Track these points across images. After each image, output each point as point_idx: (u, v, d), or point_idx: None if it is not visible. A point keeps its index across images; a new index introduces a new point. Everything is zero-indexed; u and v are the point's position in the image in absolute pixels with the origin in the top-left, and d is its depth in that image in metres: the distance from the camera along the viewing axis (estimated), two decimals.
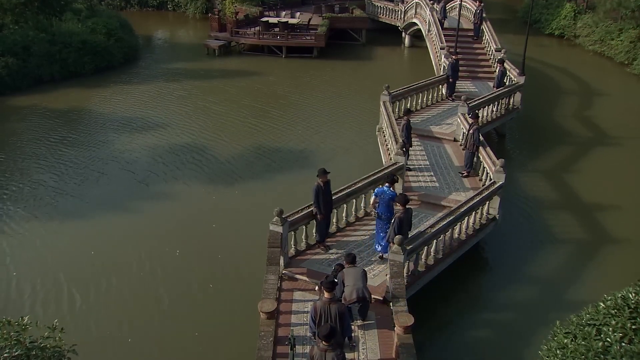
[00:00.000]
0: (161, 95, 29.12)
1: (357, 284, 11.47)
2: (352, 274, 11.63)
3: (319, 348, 9.09)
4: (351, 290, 11.42)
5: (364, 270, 11.99)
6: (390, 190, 13.92)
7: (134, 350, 13.32)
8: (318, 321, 10.19)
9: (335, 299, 10.39)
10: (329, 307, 10.13)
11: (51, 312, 14.26)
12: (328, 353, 8.98)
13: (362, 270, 11.89)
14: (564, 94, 29.81)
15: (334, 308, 10.13)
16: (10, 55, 28.76)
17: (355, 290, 11.42)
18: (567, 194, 20.39)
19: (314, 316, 10.27)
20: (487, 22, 29.93)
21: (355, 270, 11.74)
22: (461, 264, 15.60)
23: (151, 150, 22.94)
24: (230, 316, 14.22)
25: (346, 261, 11.88)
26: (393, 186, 14.13)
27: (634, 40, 33.97)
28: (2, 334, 8.04)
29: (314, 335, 10.27)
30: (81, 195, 19.65)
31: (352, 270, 11.71)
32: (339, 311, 10.15)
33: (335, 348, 9.07)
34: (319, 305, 10.28)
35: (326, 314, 10.12)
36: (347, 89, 30.56)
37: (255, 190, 20.17)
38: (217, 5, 41.76)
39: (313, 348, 9.35)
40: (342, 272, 11.79)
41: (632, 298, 9.60)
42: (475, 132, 17.96)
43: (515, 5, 47.63)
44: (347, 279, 11.57)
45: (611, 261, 16.65)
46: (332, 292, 10.23)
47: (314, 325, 10.31)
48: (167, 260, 16.35)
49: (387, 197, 13.81)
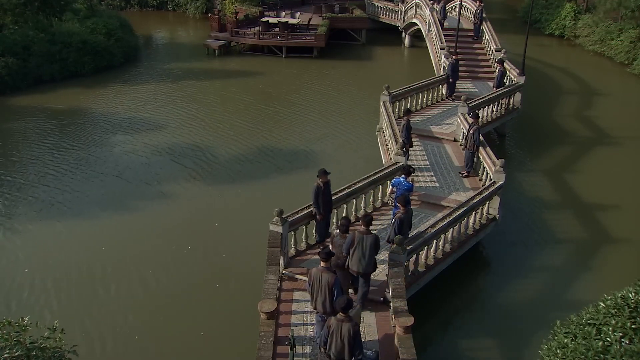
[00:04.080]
0: (161, 95, 29.14)
1: (363, 257, 11.71)
2: (362, 243, 11.71)
3: (336, 319, 9.64)
4: (357, 262, 11.76)
5: (376, 238, 11.89)
6: (406, 181, 14.37)
7: (136, 350, 13.33)
8: (312, 286, 10.80)
9: (329, 268, 10.83)
10: (321, 276, 10.68)
11: (52, 312, 14.27)
12: (344, 324, 9.54)
13: (374, 239, 11.81)
14: (564, 94, 29.82)
15: (325, 277, 10.65)
16: (10, 55, 28.76)
17: (359, 263, 11.76)
18: (567, 193, 20.40)
19: (309, 280, 10.97)
20: (487, 22, 29.93)
21: (367, 241, 11.72)
22: (461, 264, 15.60)
23: (151, 150, 22.94)
24: (232, 316, 14.22)
25: (363, 222, 11.96)
26: (409, 178, 14.53)
27: (634, 40, 33.99)
28: (2, 335, 8.04)
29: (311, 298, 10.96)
30: (82, 195, 19.66)
31: (364, 238, 11.73)
32: (329, 281, 10.63)
33: (352, 319, 9.61)
34: (313, 271, 10.88)
35: (318, 282, 10.69)
36: (347, 89, 30.57)
37: (255, 189, 20.17)
38: (217, 5, 41.77)
39: (330, 319, 9.83)
40: (353, 235, 11.87)
41: (632, 298, 9.61)
42: (475, 132, 17.95)
43: (515, 5, 47.63)
44: (357, 247, 11.72)
45: (611, 261, 16.66)
46: (327, 262, 10.75)
47: (308, 287, 10.95)
48: (169, 260, 16.36)
49: (403, 188, 14.29)
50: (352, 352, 9.69)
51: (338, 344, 9.64)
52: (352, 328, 9.59)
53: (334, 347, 9.71)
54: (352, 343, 9.62)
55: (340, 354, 9.74)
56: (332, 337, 9.68)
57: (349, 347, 9.63)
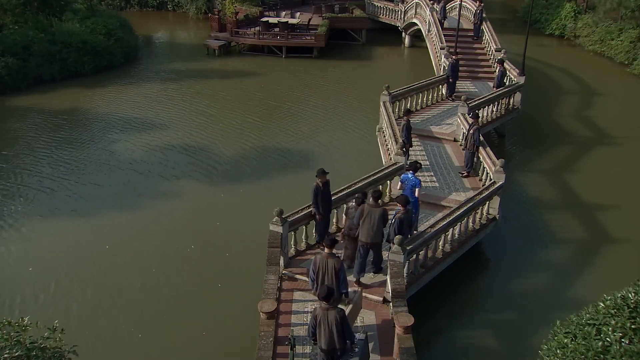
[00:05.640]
0: (161, 95, 29.13)
1: (371, 228, 12.46)
2: (371, 215, 12.45)
3: (321, 308, 9.83)
4: (366, 233, 12.52)
5: (384, 211, 12.68)
6: (413, 177, 14.62)
7: (136, 350, 13.33)
8: (317, 273, 11.20)
9: (334, 255, 11.25)
10: (327, 262, 11.13)
11: (54, 311, 14.26)
12: (330, 311, 9.76)
13: (382, 211, 12.59)
14: (564, 94, 29.82)
15: (331, 263, 11.10)
16: (10, 55, 28.74)
17: (367, 234, 12.52)
18: (567, 193, 20.40)
19: (314, 269, 11.28)
20: (487, 22, 29.93)
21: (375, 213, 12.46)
22: (461, 264, 15.60)
23: (151, 150, 22.94)
24: (232, 315, 14.22)
25: (372, 197, 12.77)
26: (416, 173, 14.81)
27: (634, 40, 33.98)
28: (2, 335, 8.04)
29: (313, 288, 11.37)
30: (82, 195, 19.66)
31: (373, 210, 12.50)
32: (336, 266, 11.10)
33: (336, 307, 9.89)
34: (318, 258, 11.30)
35: (324, 268, 11.13)
36: (347, 89, 30.56)
37: (255, 189, 20.17)
38: (217, 5, 41.76)
39: (316, 309, 9.99)
40: (362, 208, 12.63)
41: (632, 298, 9.60)
42: (475, 132, 17.96)
43: (515, 5, 47.63)
44: (366, 219, 12.47)
45: (611, 261, 16.66)
46: (331, 248, 11.19)
47: (313, 276, 11.32)
48: (171, 259, 16.37)
49: (410, 184, 14.55)
50: (342, 339, 9.84)
51: (327, 333, 9.80)
52: (337, 315, 9.74)
53: (323, 338, 9.85)
54: (340, 329, 9.78)
55: (330, 344, 9.86)
56: (320, 327, 9.84)
57: (337, 335, 9.78)
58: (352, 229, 13.00)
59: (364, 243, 12.70)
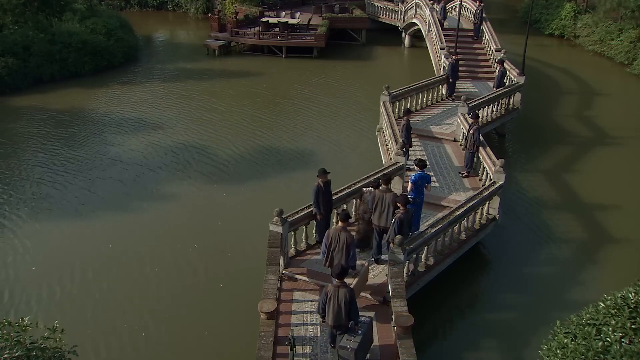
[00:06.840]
0: (161, 95, 29.14)
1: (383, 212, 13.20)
2: (383, 199, 13.20)
3: (333, 285, 10.42)
4: (378, 217, 13.27)
5: (395, 195, 13.38)
6: (424, 173, 15.02)
7: (137, 350, 13.33)
8: (328, 246, 11.85)
9: (345, 229, 11.88)
10: (339, 235, 11.80)
11: (55, 311, 14.27)
12: (340, 289, 10.31)
13: (393, 196, 13.27)
14: (564, 94, 29.81)
15: (343, 236, 11.77)
16: (10, 55, 28.77)
17: (379, 218, 13.27)
18: (567, 194, 20.39)
19: (326, 241, 11.95)
20: (487, 22, 29.93)
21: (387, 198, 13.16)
22: (461, 264, 15.60)
23: (152, 150, 22.95)
24: (233, 315, 14.22)
25: (382, 182, 13.49)
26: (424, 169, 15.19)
27: (634, 40, 33.98)
28: (2, 335, 8.04)
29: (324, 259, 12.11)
30: (83, 195, 19.65)
31: (384, 195, 13.22)
32: (347, 240, 11.74)
33: (347, 285, 10.45)
34: (332, 231, 12.06)
35: (336, 240, 11.80)
36: (347, 89, 30.57)
37: (255, 189, 20.17)
38: (217, 6, 41.79)
39: (327, 286, 10.57)
40: (374, 194, 13.41)
41: (632, 298, 9.61)
42: (475, 132, 17.96)
43: (515, 5, 47.63)
44: (378, 203, 13.27)
45: (611, 261, 16.66)
46: (345, 222, 11.89)
47: (325, 249, 12.01)
48: (173, 259, 16.37)
49: (425, 182, 14.94)
50: (349, 315, 10.38)
51: (335, 308, 10.35)
52: (348, 293, 10.32)
53: (331, 314, 10.44)
54: (349, 308, 10.32)
55: (337, 319, 10.40)
56: (330, 302, 10.37)
57: (345, 312, 10.32)
58: (366, 212, 13.90)
59: (378, 226, 13.40)
